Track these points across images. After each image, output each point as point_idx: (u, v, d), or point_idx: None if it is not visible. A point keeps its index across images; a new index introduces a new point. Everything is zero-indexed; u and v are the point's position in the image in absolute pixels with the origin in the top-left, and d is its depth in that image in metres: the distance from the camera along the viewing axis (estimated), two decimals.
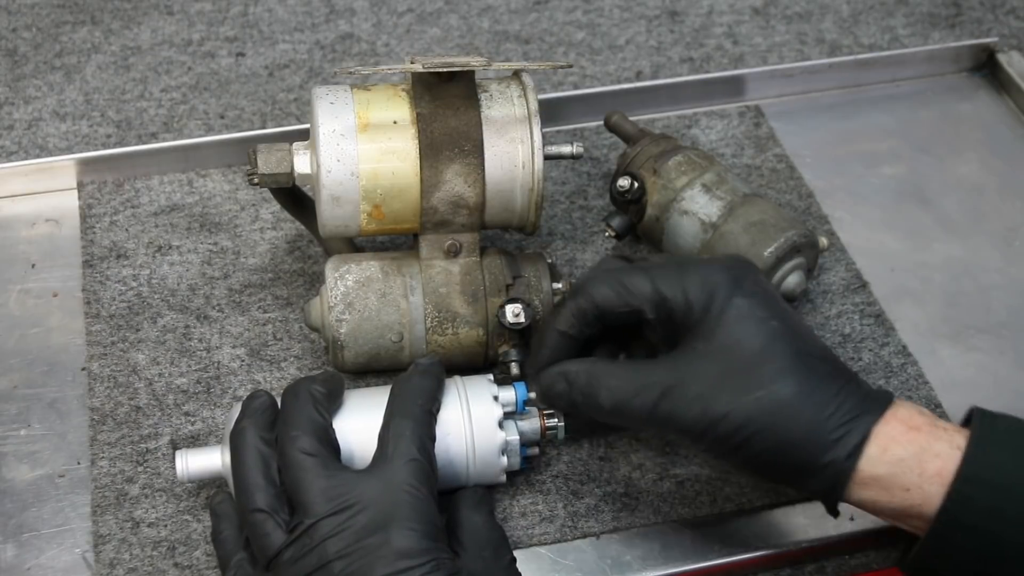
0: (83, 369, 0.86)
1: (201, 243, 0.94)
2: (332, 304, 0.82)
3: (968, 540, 0.68)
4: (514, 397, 0.77)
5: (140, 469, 0.80)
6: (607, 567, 0.77)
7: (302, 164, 0.82)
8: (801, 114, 1.07)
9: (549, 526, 0.78)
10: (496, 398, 0.77)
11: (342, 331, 0.82)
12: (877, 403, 0.70)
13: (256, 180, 0.82)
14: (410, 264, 0.83)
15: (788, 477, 0.71)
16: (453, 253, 0.83)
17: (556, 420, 0.78)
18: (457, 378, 0.78)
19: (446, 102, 0.81)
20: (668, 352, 0.73)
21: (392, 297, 0.82)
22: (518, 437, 0.77)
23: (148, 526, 0.78)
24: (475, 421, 0.76)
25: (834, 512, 0.72)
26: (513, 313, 0.81)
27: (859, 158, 1.03)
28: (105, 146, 1.01)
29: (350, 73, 0.82)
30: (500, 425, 0.76)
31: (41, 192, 0.98)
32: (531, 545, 0.78)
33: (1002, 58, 1.09)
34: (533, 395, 0.78)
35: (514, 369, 0.82)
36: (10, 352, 0.87)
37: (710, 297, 0.71)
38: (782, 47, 1.13)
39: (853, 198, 1.00)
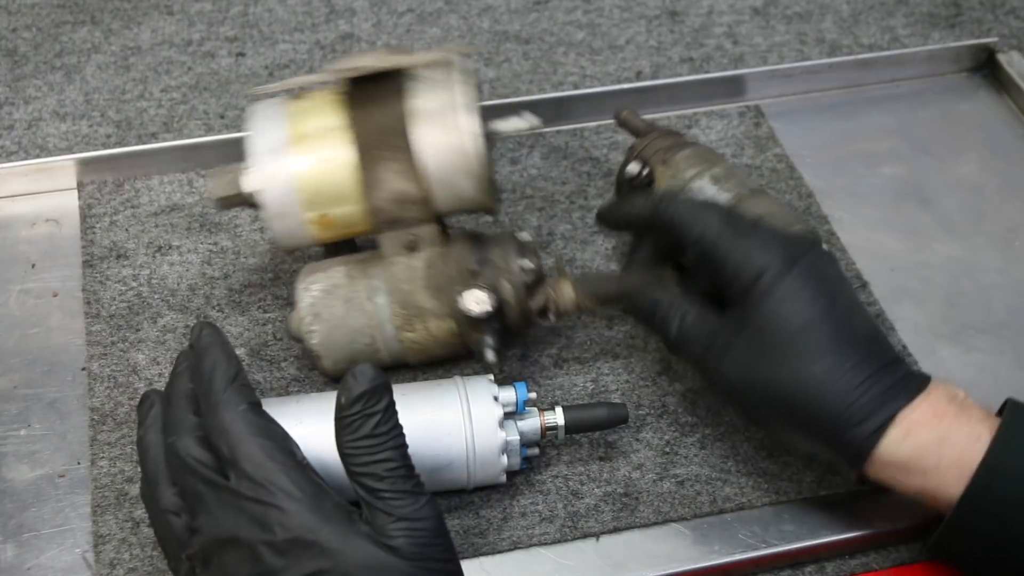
0: (83, 369, 0.86)
1: (201, 243, 0.94)
2: (302, 315, 0.81)
3: (990, 527, 0.70)
4: (514, 397, 0.77)
5: (140, 469, 0.80)
6: (607, 567, 0.77)
7: (249, 183, 0.79)
8: (801, 114, 1.07)
9: (549, 526, 0.78)
10: (496, 398, 0.77)
11: (314, 341, 0.81)
12: (909, 388, 0.72)
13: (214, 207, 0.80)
14: (375, 264, 0.82)
15: (810, 448, 0.76)
16: (413, 248, 0.81)
17: (556, 420, 0.78)
18: (457, 378, 0.78)
19: (377, 101, 0.79)
20: (719, 305, 0.77)
21: (357, 301, 0.81)
22: (518, 437, 0.77)
23: (148, 526, 0.77)
24: (475, 421, 0.75)
25: (859, 482, 0.78)
26: (475, 301, 0.79)
27: (859, 158, 1.03)
28: (105, 146, 1.01)
29: (266, 92, 0.80)
30: (500, 425, 0.76)
31: (41, 192, 0.98)
32: (531, 545, 0.78)
33: (1002, 58, 1.09)
34: (533, 395, 0.78)
35: (489, 356, 0.80)
36: (10, 352, 0.87)
37: (759, 273, 0.74)
38: (782, 47, 1.13)
39: (853, 198, 1.00)
